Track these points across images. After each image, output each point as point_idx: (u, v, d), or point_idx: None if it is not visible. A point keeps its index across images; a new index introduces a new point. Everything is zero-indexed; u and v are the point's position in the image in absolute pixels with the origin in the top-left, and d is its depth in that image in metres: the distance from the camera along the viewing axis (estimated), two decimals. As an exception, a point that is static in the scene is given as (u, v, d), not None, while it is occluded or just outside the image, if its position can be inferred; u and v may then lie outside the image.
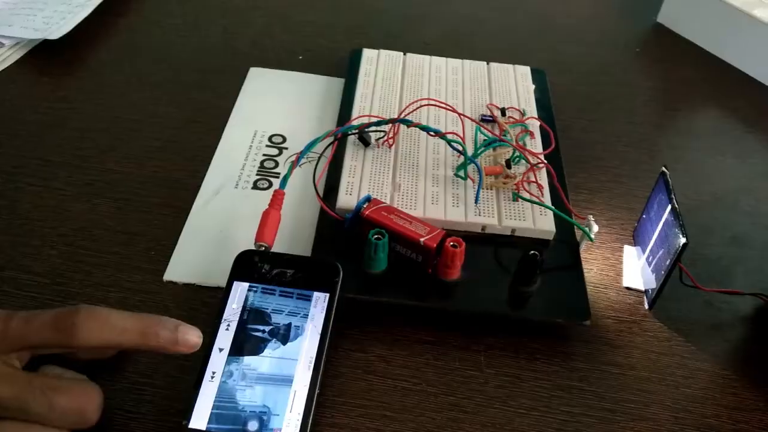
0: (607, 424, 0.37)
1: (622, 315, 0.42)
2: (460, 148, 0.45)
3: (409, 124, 0.46)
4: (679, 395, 0.39)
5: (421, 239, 0.39)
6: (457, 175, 0.46)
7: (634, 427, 0.37)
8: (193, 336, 0.33)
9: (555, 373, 0.39)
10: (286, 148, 0.50)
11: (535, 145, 0.49)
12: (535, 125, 0.51)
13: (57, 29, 0.57)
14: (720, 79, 0.63)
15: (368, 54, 0.56)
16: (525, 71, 0.56)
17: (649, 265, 0.43)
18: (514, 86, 0.54)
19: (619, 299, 0.43)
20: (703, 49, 0.66)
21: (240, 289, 0.37)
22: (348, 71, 0.55)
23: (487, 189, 0.45)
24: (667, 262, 0.40)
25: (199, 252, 0.42)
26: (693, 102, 0.61)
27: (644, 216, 0.45)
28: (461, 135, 0.47)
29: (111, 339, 0.32)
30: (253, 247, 0.39)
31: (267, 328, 0.36)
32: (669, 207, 0.41)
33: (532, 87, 0.54)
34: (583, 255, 0.43)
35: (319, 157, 0.46)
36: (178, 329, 0.33)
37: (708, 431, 0.37)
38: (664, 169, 0.43)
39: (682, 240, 0.38)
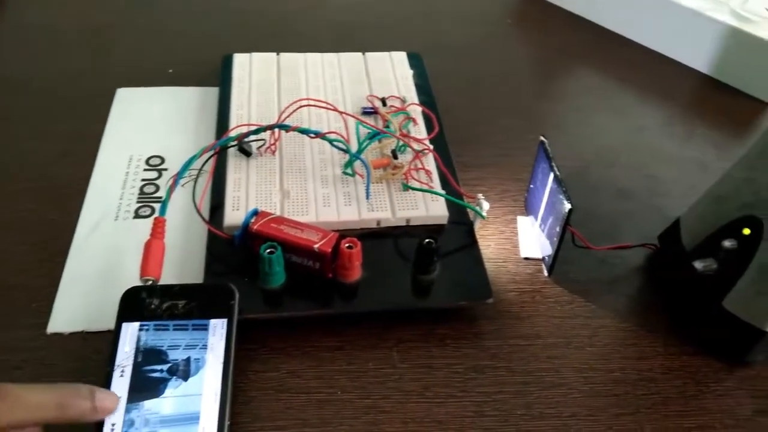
0: (522, 397, 0.38)
1: (523, 286, 0.43)
2: (344, 147, 0.44)
3: (287, 128, 0.44)
4: (585, 355, 0.40)
5: (315, 246, 0.38)
6: (345, 173, 0.45)
7: (547, 395, 0.38)
8: (109, 401, 0.32)
9: (466, 355, 0.39)
10: (166, 170, 0.48)
11: (419, 131, 0.49)
12: (417, 111, 0.50)
13: None
14: (591, 40, 0.66)
15: (240, 59, 0.54)
16: (401, 57, 0.56)
17: (543, 232, 0.44)
18: (392, 74, 0.54)
19: (519, 270, 0.44)
20: (571, 13, 0.68)
21: (130, 330, 0.35)
22: (221, 79, 0.53)
23: (377, 183, 0.45)
24: (558, 229, 0.41)
25: (84, 296, 0.40)
26: (567, 66, 0.63)
27: (532, 186, 0.46)
28: (344, 131, 0.46)
29: (26, 418, 0.29)
30: (140, 283, 0.37)
31: (165, 367, 0.34)
32: (551, 175, 0.42)
33: (410, 72, 0.54)
34: (478, 233, 0.44)
35: (198, 175, 0.44)
36: (95, 396, 0.31)
37: (616, 385, 0.39)
38: (542, 138, 0.44)
39: (567, 206, 0.39)
